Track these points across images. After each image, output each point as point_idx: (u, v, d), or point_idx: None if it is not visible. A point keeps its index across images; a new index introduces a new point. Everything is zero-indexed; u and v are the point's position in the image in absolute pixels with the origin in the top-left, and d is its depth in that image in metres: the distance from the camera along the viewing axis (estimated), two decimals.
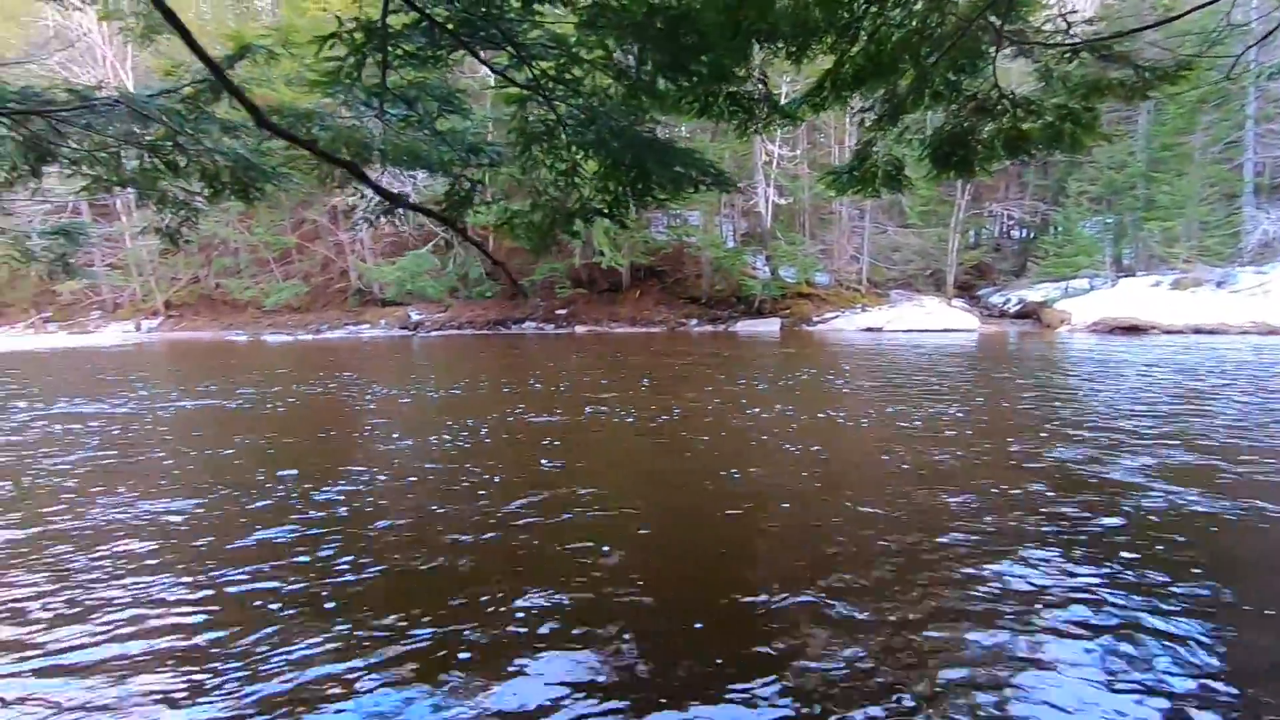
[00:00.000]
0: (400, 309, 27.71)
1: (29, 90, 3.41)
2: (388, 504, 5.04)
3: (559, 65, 2.00)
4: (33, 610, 3.40)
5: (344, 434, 7.81)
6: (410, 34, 1.93)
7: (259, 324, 28.14)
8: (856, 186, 4.11)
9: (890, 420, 7.64)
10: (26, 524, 4.69)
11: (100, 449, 6.97)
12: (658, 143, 2.17)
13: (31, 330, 28.91)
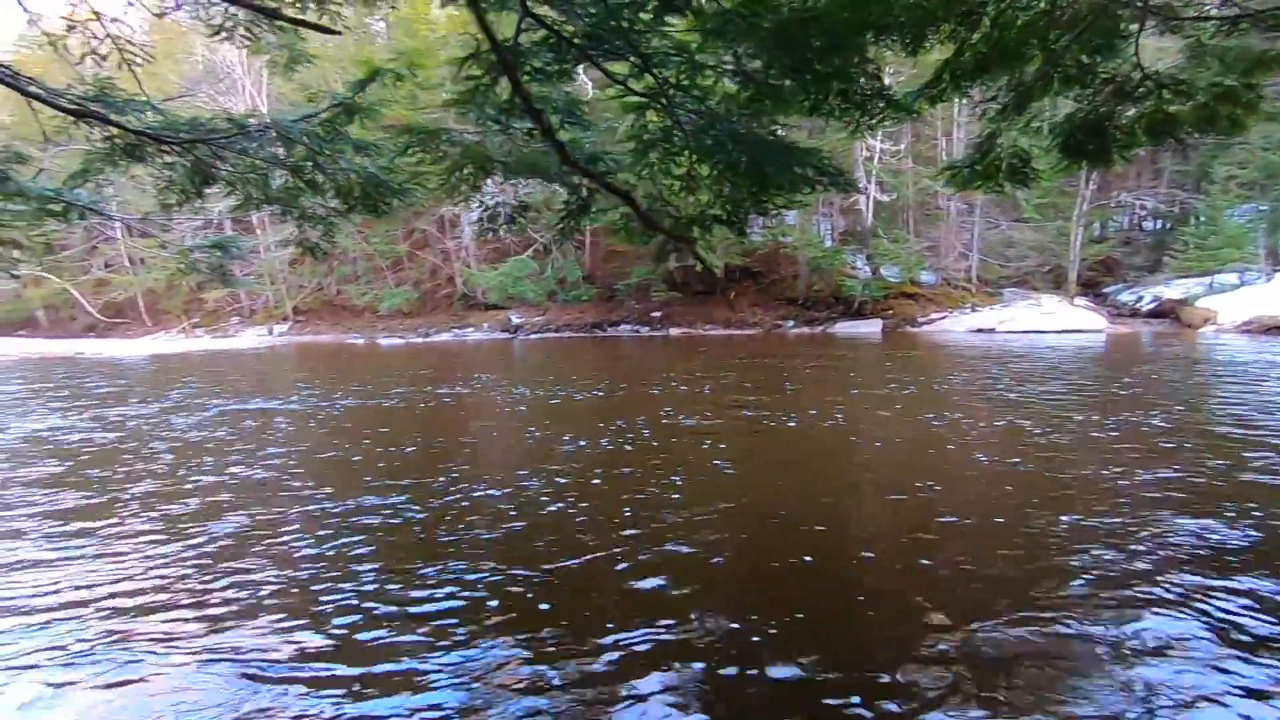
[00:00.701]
0: (502, 312, 28.79)
1: (196, 121, 3.81)
2: (584, 505, 5.09)
3: (680, 72, 2.03)
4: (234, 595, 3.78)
5: (512, 434, 8.01)
6: (538, 50, 2.02)
7: (374, 328, 30.03)
8: (978, 182, 3.90)
9: (1048, 428, 7.14)
10: (268, 515, 5.08)
11: (296, 442, 7.63)
12: (778, 145, 2.15)
13: (183, 334, 32.19)
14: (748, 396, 9.76)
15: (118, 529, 4.81)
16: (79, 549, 4.43)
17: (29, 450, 7.49)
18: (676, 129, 2.37)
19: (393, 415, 9.44)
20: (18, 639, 3.22)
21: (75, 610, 3.52)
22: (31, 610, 3.53)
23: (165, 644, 3.14)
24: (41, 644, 3.17)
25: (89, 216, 4.48)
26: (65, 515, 5.13)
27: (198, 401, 10.93)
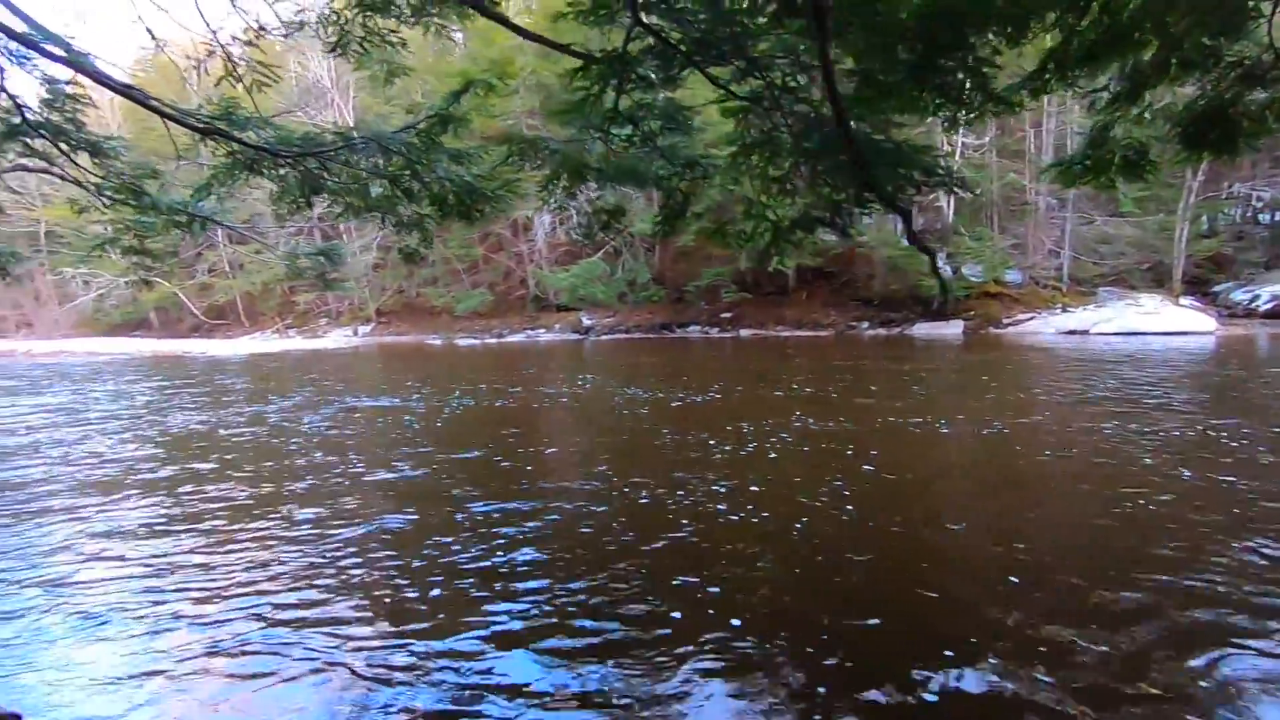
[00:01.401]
0: (573, 314, 29.26)
1: (307, 135, 4.06)
2: (756, 509, 4.89)
3: (786, 74, 2.02)
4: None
5: (648, 436, 7.72)
6: (644, 58, 2.06)
7: (451, 329, 31.06)
8: (1089, 177, 3.69)
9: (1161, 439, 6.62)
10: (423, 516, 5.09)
11: (432, 441, 7.79)
12: (886, 145, 2.11)
13: (277, 335, 34.21)
14: (867, 400, 9.41)
15: (278, 524, 4.93)
16: (244, 542, 4.58)
17: (192, 444, 8.04)
18: (778, 132, 2.35)
19: (516, 415, 9.55)
20: (172, 626, 3.40)
21: (234, 599, 3.65)
22: (196, 597, 3.70)
23: (305, 637, 3.20)
24: (203, 630, 3.36)
25: (209, 226, 4.83)
26: (236, 510, 5.30)
27: (323, 399, 11.47)
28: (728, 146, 2.61)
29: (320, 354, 24.28)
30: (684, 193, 2.70)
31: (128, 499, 5.64)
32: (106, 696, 2.73)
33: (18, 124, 3.84)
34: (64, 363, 23.34)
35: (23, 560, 4.27)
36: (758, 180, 2.55)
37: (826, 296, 26.40)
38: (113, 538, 4.69)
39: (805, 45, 1.97)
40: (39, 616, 3.48)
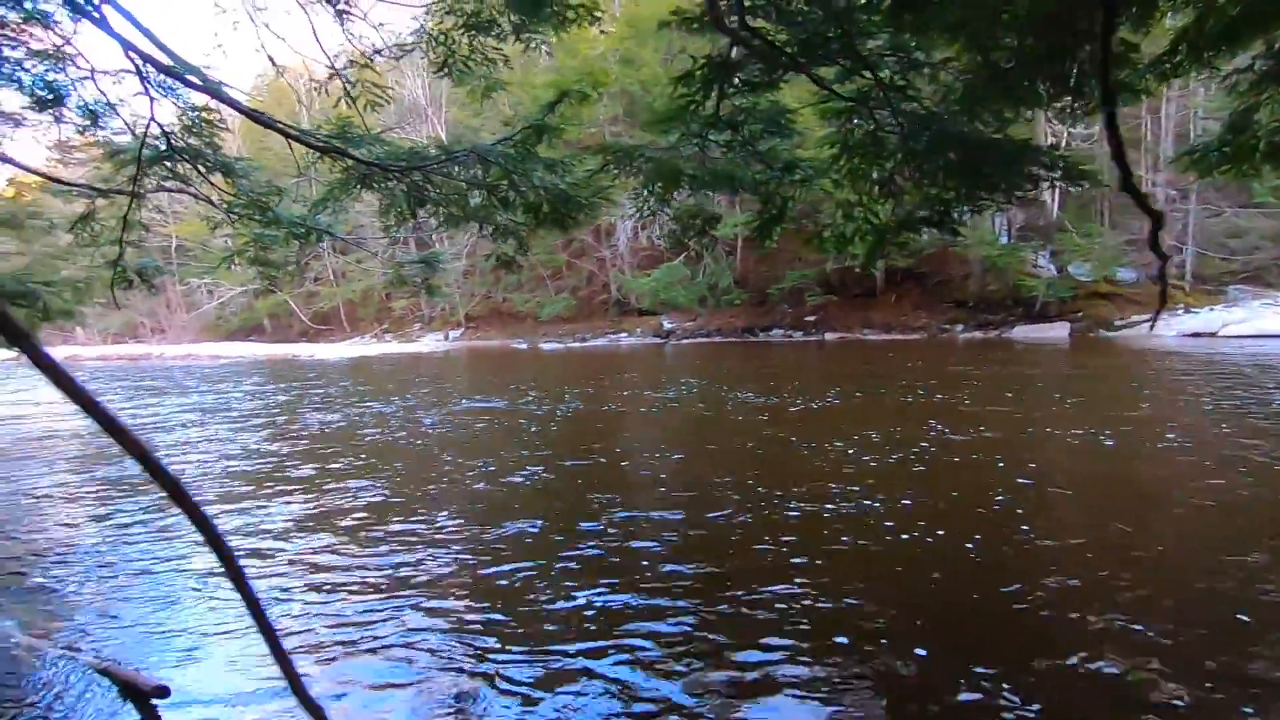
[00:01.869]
0: (654, 318, 29.43)
1: (413, 150, 4.27)
2: (903, 524, 4.49)
3: (895, 73, 1.96)
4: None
5: (782, 445, 7.20)
6: (747, 62, 2.05)
7: (535, 333, 31.90)
8: (1228, 166, 3.37)
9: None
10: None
11: (554, 445, 7.75)
12: (1001, 142, 2.00)
13: (375, 339, 36.15)
14: (1002, 408, 8.84)
15: (419, 524, 4.94)
16: (386, 540, 4.64)
17: (329, 442, 8.35)
18: (882, 132, 2.29)
19: (631, 418, 9.39)
20: (311, 618, 3.56)
21: (373, 597, 3.70)
22: (335, 593, 3.79)
23: (442, 641, 3.21)
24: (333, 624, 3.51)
25: (323, 238, 5.16)
26: (377, 508, 5.38)
27: (438, 400, 11.79)
28: (824, 149, 2.55)
29: (416, 357, 25.48)
30: (782, 197, 2.66)
31: (275, 495, 5.97)
32: (244, 676, 2.95)
33: (164, 150, 4.24)
34: (193, 365, 25.56)
35: (178, 550, 4.60)
36: (859, 182, 2.48)
37: (917, 298, 25.38)
38: (262, 532, 4.95)
39: (916, 41, 1.90)
40: (190, 602, 3.76)
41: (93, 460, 7.62)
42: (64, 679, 2.92)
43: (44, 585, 4.01)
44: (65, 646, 3.19)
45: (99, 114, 4.52)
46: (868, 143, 2.29)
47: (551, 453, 7.28)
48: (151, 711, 2.72)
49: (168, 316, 43.14)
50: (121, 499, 5.87)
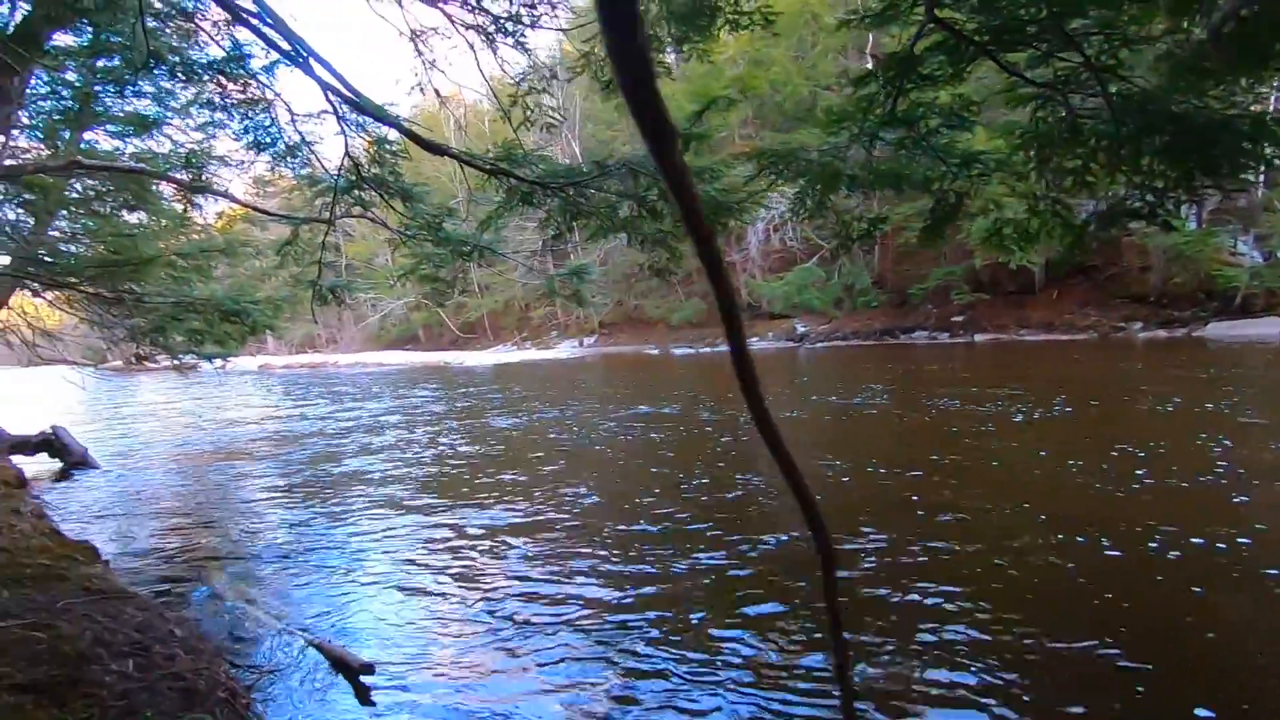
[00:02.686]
0: (786, 321, 28.80)
1: (570, 167, 4.48)
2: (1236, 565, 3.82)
3: (1101, 51, 1.78)
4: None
5: (1014, 462, 6.40)
6: (931, 56, 1.95)
7: (667, 339, 32.26)
8: None
9: None
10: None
11: (727, 450, 7.58)
12: (1231, 120, 1.75)
13: (516, 347, 38.18)
14: (1222, 417, 7.78)
15: (627, 533, 4.88)
16: (591, 547, 4.64)
17: (518, 444, 8.67)
18: (1079, 117, 2.09)
19: (821, 428, 8.80)
20: (508, 613, 3.77)
21: (577, 604, 3.71)
22: (538, 594, 3.87)
23: (647, 657, 3.14)
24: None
25: (486, 255, 5.52)
26: (582, 514, 5.41)
27: (602, 407, 11.71)
28: (995, 140, 2.35)
29: (554, 363, 26.64)
30: (955, 194, 2.50)
31: (477, 495, 6.19)
32: (440, 657, 3.22)
33: (354, 179, 4.74)
34: (363, 372, 28.26)
35: (386, 543, 5.01)
36: (1050, 174, 2.28)
37: (1084, 294, 22.98)
38: (466, 531, 5.16)
39: (1129, 15, 1.71)
40: (394, 590, 4.10)
41: (307, 459, 8.57)
42: (285, 651, 3.32)
43: (266, 569, 4.57)
44: (285, 623, 3.62)
45: (297, 151, 5.16)
46: (1062, 130, 2.10)
47: (741, 460, 6.99)
48: (359, 685, 3.03)
49: (339, 328, 48.00)
50: (330, 495, 6.55)
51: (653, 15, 3.71)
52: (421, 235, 5.20)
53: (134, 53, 4.26)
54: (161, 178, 7.80)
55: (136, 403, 17.61)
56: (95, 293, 8.53)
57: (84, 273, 8.37)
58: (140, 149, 9.04)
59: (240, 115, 4.86)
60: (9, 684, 1.96)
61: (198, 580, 4.29)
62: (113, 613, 2.66)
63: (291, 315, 12.02)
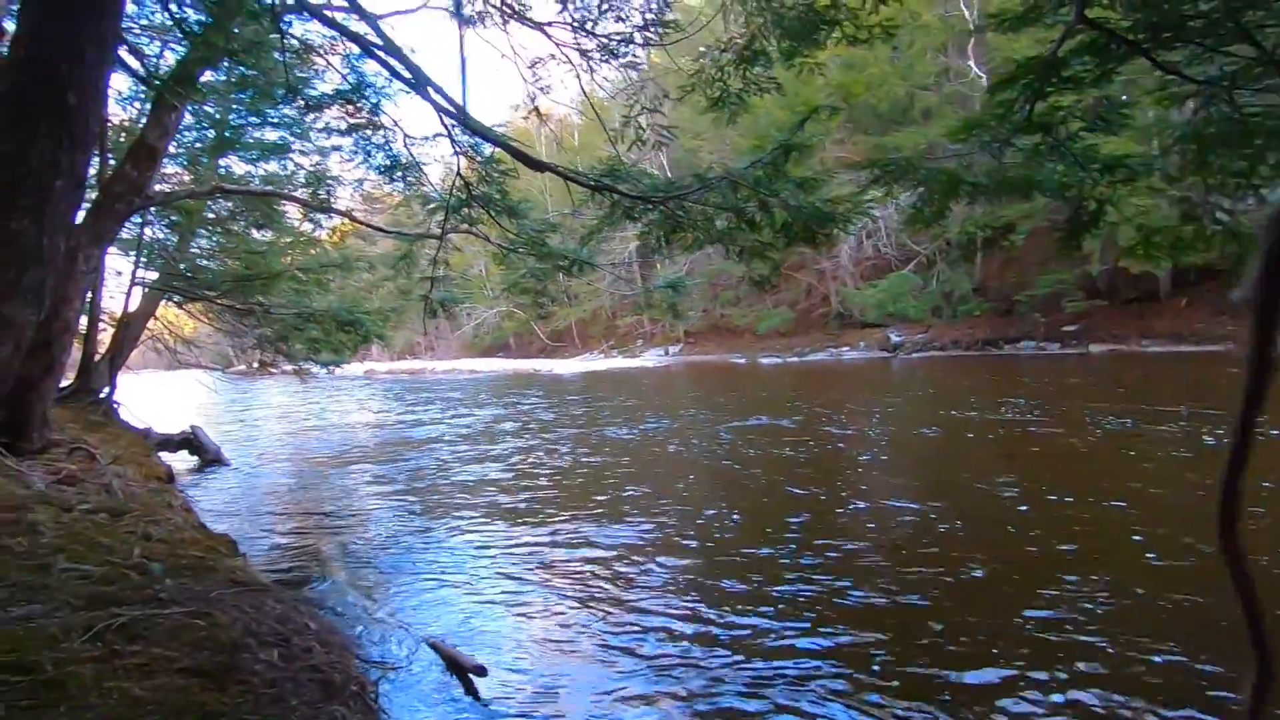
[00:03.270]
0: (879, 331, 27.81)
1: (671, 181, 4.52)
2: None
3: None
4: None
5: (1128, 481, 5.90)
6: (1075, 57, 1.84)
7: (752, 348, 31.85)
8: None
9: None
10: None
11: (868, 467, 7.24)
12: None
13: (602, 355, 38.75)
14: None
15: (767, 556, 4.67)
16: (739, 565, 4.50)
17: (638, 455, 8.55)
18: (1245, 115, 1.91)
19: (994, 448, 7.97)
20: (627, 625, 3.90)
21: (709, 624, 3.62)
22: (661, 608, 3.83)
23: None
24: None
25: (585, 268, 5.64)
26: (703, 530, 5.28)
27: (715, 416, 11.37)
28: (1134, 143, 2.18)
29: (641, 371, 26.83)
30: (1096, 200, 2.34)
31: (590, 505, 6.15)
32: (554, 663, 3.29)
33: (464, 197, 4.97)
34: (458, 378, 29.46)
35: (496, 548, 5.13)
36: (1212, 176, 2.09)
37: (1219, 302, 20.90)
38: (579, 541, 5.14)
39: None
40: (503, 595, 4.22)
41: (417, 461, 8.98)
42: (402, 648, 3.48)
43: (381, 567, 4.82)
44: (400, 620, 3.81)
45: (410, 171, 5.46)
46: (1226, 129, 1.93)
47: (888, 480, 6.61)
48: (472, 686, 3.15)
49: (436, 336, 50.30)
50: (440, 497, 6.83)
51: (756, 27, 3.70)
52: (525, 250, 5.39)
53: (274, 86, 4.65)
54: (292, 200, 8.43)
55: (259, 405, 19.08)
56: (229, 304, 9.34)
57: (220, 286, 9.19)
58: (268, 172, 9.85)
59: (361, 139, 5.20)
60: (178, 667, 2.16)
61: (320, 575, 4.59)
62: (256, 604, 2.88)
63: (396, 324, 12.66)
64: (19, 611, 2.34)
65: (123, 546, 3.25)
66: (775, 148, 4.46)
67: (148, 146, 5.57)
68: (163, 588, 2.77)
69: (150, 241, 9.52)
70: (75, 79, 3.28)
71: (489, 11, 5.45)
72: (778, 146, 4.44)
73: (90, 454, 4.91)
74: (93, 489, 4.16)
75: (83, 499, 3.85)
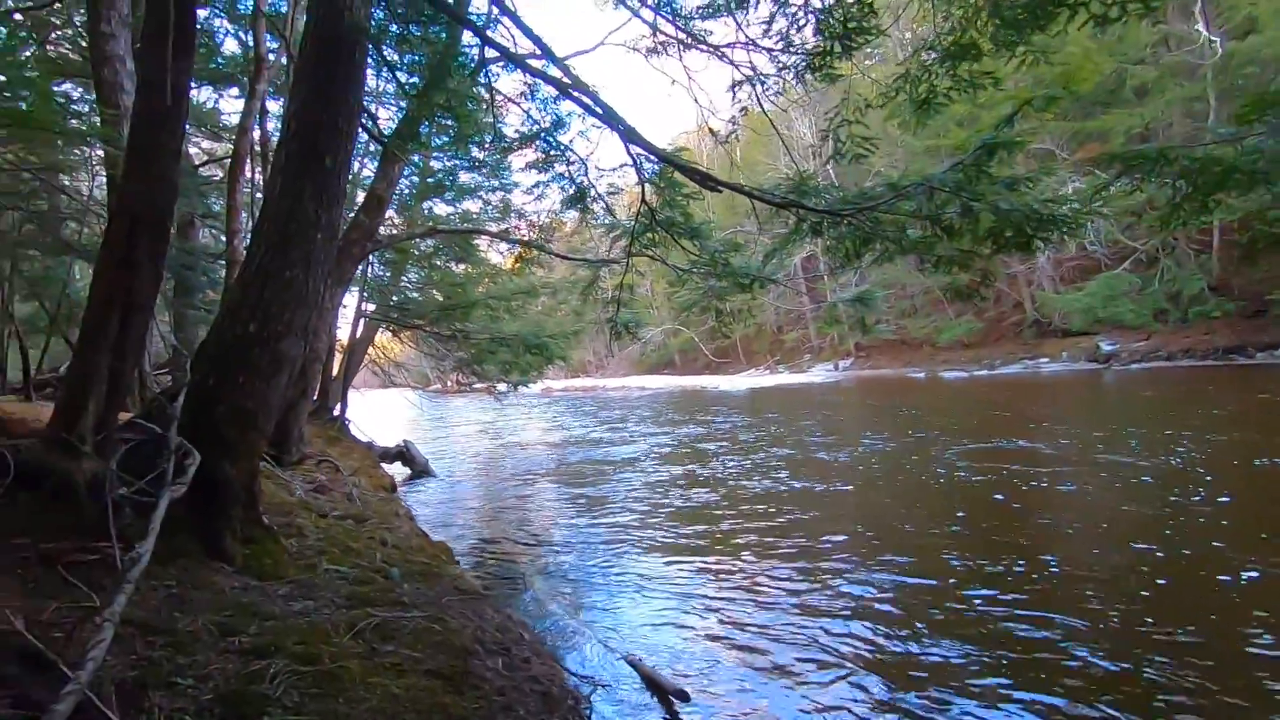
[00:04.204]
0: (1085, 339, 24.62)
1: (863, 192, 4.31)
2: None
3: None
4: None
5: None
6: None
7: (933, 361, 29.61)
8: None
9: None
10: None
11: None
12: None
13: (768, 370, 38.08)
14: None
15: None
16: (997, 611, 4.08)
17: (836, 475, 8.16)
18: None
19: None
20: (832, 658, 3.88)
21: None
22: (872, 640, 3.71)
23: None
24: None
25: (765, 285, 5.55)
26: (930, 567, 4.80)
27: (928, 437, 10.42)
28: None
29: (813, 387, 25.95)
30: None
31: (795, 531, 5.87)
32: (758, 692, 3.23)
33: (647, 223, 5.11)
34: (631, 395, 30.41)
35: (691, 569, 5.12)
36: None
37: None
38: (786, 569, 4.98)
39: None
40: (699, 619, 4.21)
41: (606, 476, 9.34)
42: (604, 665, 3.57)
43: (577, 581, 5.02)
44: (601, 636, 3.93)
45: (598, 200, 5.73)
46: None
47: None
48: (673, 709, 3.15)
49: (606, 354, 52.45)
50: (632, 514, 7.00)
51: (964, 16, 3.42)
52: (705, 270, 5.42)
53: (478, 133, 5.11)
54: (488, 235, 9.21)
55: (455, 420, 21.01)
56: (435, 331, 10.40)
57: (427, 315, 10.26)
58: (466, 211, 10.88)
59: (555, 175, 5.55)
60: (423, 669, 2.37)
61: (521, 585, 4.89)
62: (479, 612, 3.11)
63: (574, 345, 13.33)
64: (298, 606, 2.70)
65: (367, 550, 3.69)
66: (978, 147, 4.12)
67: (376, 196, 6.39)
68: (403, 591, 3.08)
69: (371, 278, 10.90)
70: (330, 145, 3.85)
71: (669, 41, 5.62)
72: (981, 146, 4.09)
73: (334, 466, 5.66)
74: (339, 497, 4.79)
75: (333, 506, 4.44)
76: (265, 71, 6.64)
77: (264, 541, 3.29)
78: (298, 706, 1.92)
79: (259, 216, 4.01)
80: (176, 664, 2.01)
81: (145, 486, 2.77)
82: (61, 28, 7.93)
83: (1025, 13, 3.06)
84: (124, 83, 4.88)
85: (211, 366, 3.38)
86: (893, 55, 27.46)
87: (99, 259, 3.09)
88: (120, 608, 1.88)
